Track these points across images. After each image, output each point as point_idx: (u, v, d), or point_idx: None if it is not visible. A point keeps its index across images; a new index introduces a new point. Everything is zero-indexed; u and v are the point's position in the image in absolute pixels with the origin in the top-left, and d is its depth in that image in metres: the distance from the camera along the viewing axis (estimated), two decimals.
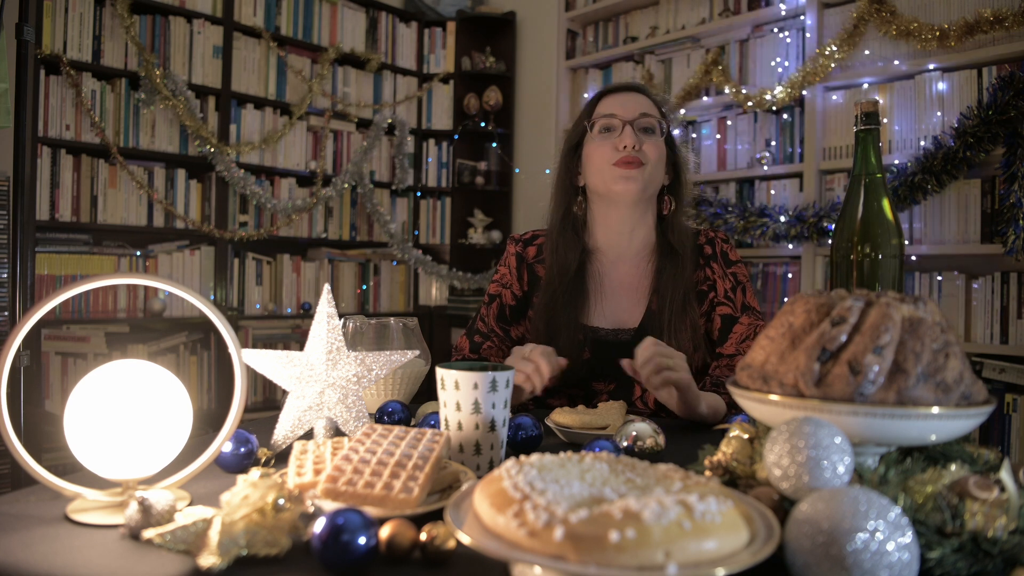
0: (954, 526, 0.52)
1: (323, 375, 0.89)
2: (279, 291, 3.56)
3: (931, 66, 2.54)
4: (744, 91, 2.99)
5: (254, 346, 3.32)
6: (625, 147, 1.32)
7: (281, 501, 0.57)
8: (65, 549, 0.57)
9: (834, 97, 2.81)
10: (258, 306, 3.50)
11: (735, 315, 1.34)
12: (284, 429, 0.88)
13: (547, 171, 3.80)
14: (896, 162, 2.56)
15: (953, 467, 0.60)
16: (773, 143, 2.99)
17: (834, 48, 2.72)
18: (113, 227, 3.03)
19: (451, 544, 0.54)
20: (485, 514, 0.50)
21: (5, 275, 2.22)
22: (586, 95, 3.66)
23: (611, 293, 1.39)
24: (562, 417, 1.03)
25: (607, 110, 1.38)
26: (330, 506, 0.62)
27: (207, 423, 2.97)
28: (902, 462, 0.62)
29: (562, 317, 1.34)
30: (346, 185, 3.62)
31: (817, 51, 2.78)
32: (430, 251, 3.98)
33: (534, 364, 1.09)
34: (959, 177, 2.43)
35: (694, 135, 3.24)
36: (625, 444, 0.86)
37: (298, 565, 0.55)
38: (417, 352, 0.96)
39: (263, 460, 0.85)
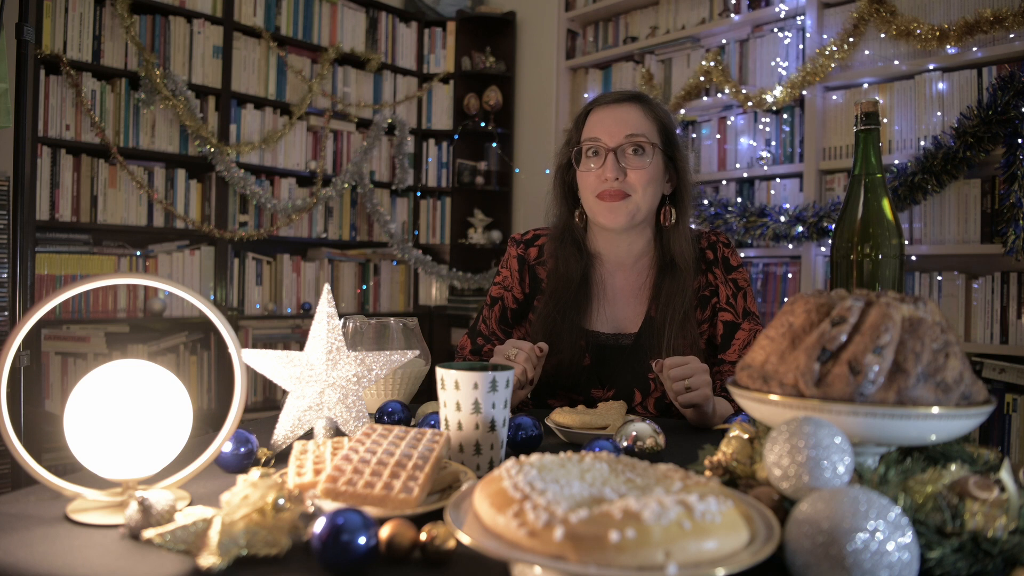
0: (954, 526, 0.52)
1: (323, 375, 0.89)
2: (279, 291, 3.56)
3: (931, 66, 2.54)
4: (744, 91, 2.99)
5: (254, 346, 3.32)
6: (607, 179, 1.29)
7: (281, 501, 0.57)
8: (65, 549, 0.57)
9: (834, 97, 2.81)
10: (258, 306, 3.50)
11: (737, 321, 1.34)
12: (284, 429, 0.88)
13: (547, 171, 3.79)
14: (896, 162, 2.56)
15: (953, 467, 0.60)
16: (773, 143, 2.99)
17: (834, 48, 2.72)
18: (113, 227, 3.03)
19: (451, 544, 0.54)
20: (485, 514, 0.50)
21: (5, 275, 2.22)
22: (586, 95, 3.66)
23: (612, 299, 1.38)
24: (562, 417, 1.03)
25: (593, 132, 1.33)
26: (330, 506, 0.62)
27: (207, 423, 2.97)
28: (902, 462, 0.62)
29: (564, 322, 1.33)
30: (346, 185, 3.62)
31: (817, 51, 2.78)
32: (430, 251, 3.98)
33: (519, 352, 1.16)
34: (959, 177, 2.44)
35: (694, 135, 3.24)
36: (625, 444, 0.86)
37: (298, 565, 0.55)
38: (417, 352, 0.96)
39: (263, 460, 0.85)
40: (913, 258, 2.58)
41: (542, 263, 1.43)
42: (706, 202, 3.05)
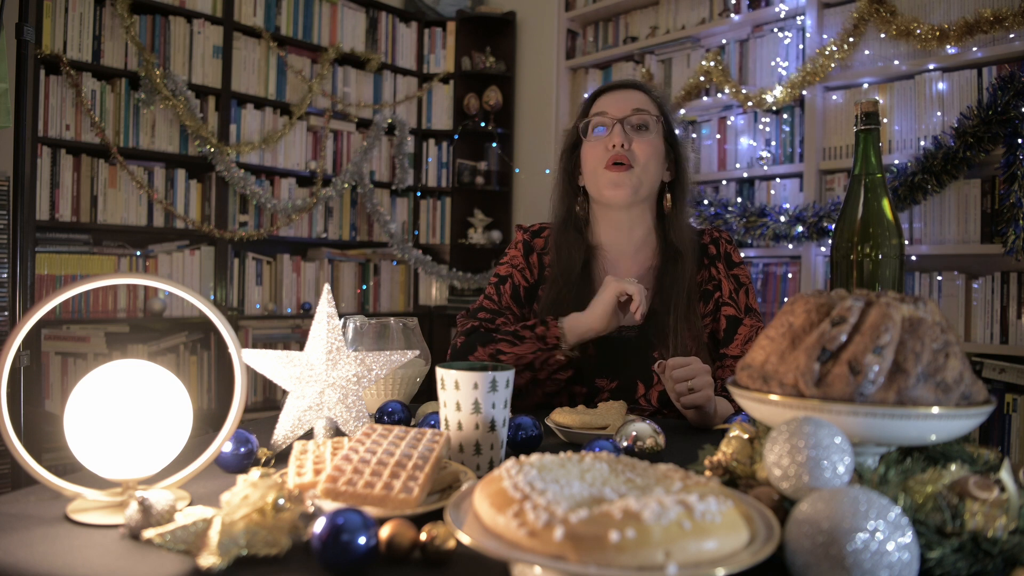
0: (954, 526, 0.52)
1: (323, 375, 0.89)
2: (279, 291, 3.56)
3: (931, 66, 2.54)
4: (744, 91, 2.99)
5: (254, 346, 3.32)
6: (614, 146, 1.32)
7: (281, 501, 0.57)
8: (65, 549, 0.57)
9: (834, 97, 2.81)
10: (258, 306, 3.50)
11: (739, 317, 1.35)
12: (284, 429, 0.88)
13: (547, 171, 3.80)
14: (896, 162, 2.56)
15: (953, 467, 0.60)
16: (773, 143, 2.99)
17: (834, 48, 2.72)
18: (113, 227, 3.03)
19: (451, 544, 0.54)
20: (485, 514, 0.50)
21: (5, 275, 2.22)
22: (586, 95, 3.66)
23: None
24: (562, 417, 1.03)
25: (600, 108, 1.38)
26: (330, 506, 0.62)
27: (207, 423, 2.97)
28: (902, 462, 0.62)
29: (567, 313, 1.34)
30: (346, 185, 3.62)
31: (817, 51, 2.78)
32: (430, 251, 3.98)
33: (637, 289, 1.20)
34: (959, 177, 2.44)
35: (694, 135, 3.24)
36: (625, 444, 0.86)
37: (298, 565, 0.55)
38: (417, 352, 0.96)
39: (263, 460, 0.85)
40: (913, 258, 2.58)
41: (546, 253, 1.44)
42: (706, 202, 3.05)
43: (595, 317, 1.23)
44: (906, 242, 2.28)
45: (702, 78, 3.16)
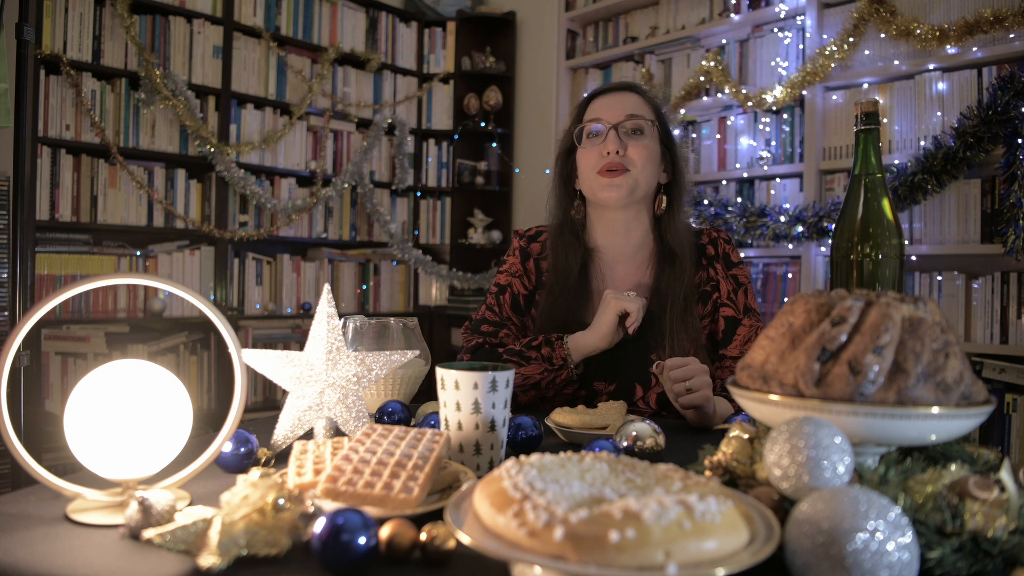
0: (954, 526, 0.52)
1: (323, 375, 0.89)
2: (279, 291, 3.56)
3: (931, 66, 2.54)
4: (744, 91, 2.99)
5: (254, 346, 3.32)
6: (608, 153, 1.32)
7: (281, 501, 0.57)
8: (65, 549, 0.57)
9: (834, 97, 2.81)
10: (258, 306, 3.50)
11: (738, 317, 1.34)
12: (284, 429, 0.88)
13: (547, 171, 3.80)
14: (896, 162, 2.56)
15: (953, 467, 0.60)
16: (773, 143, 2.99)
17: (834, 48, 2.72)
18: (113, 227, 3.03)
19: (451, 544, 0.54)
20: (485, 514, 0.50)
21: (5, 275, 2.22)
22: (585, 95, 3.66)
23: None
24: (562, 417, 1.03)
25: (594, 114, 1.38)
26: (330, 506, 0.62)
27: (207, 423, 2.97)
28: (902, 462, 0.62)
29: (566, 317, 1.34)
30: (346, 185, 3.62)
31: (817, 51, 2.78)
32: (430, 251, 3.98)
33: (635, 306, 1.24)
34: (959, 177, 2.44)
35: (694, 135, 3.24)
36: (625, 444, 0.86)
37: (298, 565, 0.55)
38: (417, 352, 0.96)
39: (263, 460, 0.85)
40: (913, 258, 2.58)
41: (544, 258, 1.44)
42: (706, 202, 3.05)
43: (598, 336, 1.25)
44: (906, 242, 2.28)
45: (702, 78, 3.16)
